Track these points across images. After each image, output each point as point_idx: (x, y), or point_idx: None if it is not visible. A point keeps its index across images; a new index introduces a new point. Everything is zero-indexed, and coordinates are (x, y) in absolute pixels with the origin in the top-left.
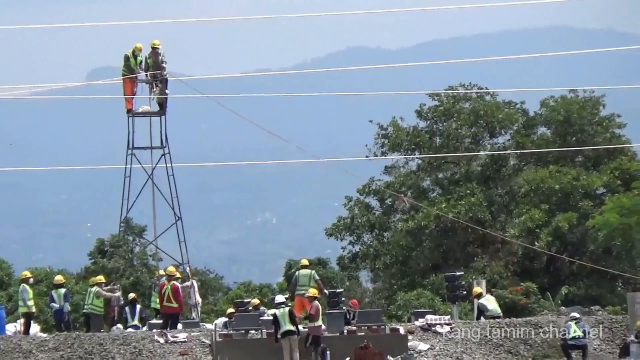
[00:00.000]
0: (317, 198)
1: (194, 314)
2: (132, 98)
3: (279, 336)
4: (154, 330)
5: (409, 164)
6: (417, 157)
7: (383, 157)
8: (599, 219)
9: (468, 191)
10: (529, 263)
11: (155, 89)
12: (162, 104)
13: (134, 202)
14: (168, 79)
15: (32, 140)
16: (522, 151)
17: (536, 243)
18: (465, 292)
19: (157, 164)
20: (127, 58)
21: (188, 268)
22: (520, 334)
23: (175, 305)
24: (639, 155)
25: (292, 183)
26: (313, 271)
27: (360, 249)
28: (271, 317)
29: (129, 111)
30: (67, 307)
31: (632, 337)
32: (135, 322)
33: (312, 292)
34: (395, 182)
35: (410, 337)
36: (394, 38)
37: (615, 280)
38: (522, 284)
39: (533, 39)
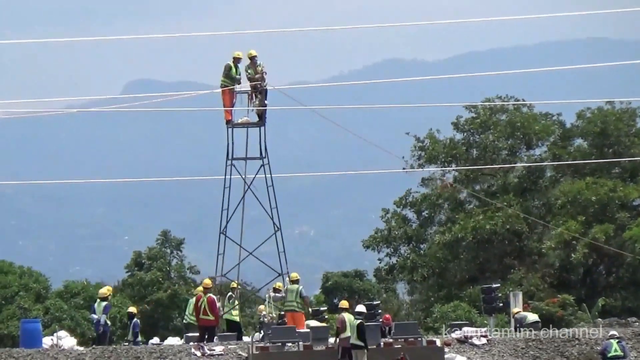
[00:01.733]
0: (354, 210)
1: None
2: (232, 109)
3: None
4: (191, 344)
5: (446, 176)
6: (453, 169)
7: (420, 169)
8: (636, 231)
9: (505, 203)
10: (566, 275)
11: (254, 100)
12: (262, 115)
13: (233, 213)
14: (267, 89)
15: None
16: (558, 163)
17: (573, 255)
18: (502, 304)
19: (256, 174)
20: (228, 68)
21: (288, 278)
22: (556, 346)
23: (212, 317)
24: None
25: (330, 195)
26: (301, 287)
27: (397, 260)
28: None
29: (229, 122)
30: (104, 319)
31: None
32: (129, 337)
33: (343, 304)
34: (432, 195)
35: (446, 349)
36: (431, 50)
37: None
38: (558, 296)
39: (570, 50)
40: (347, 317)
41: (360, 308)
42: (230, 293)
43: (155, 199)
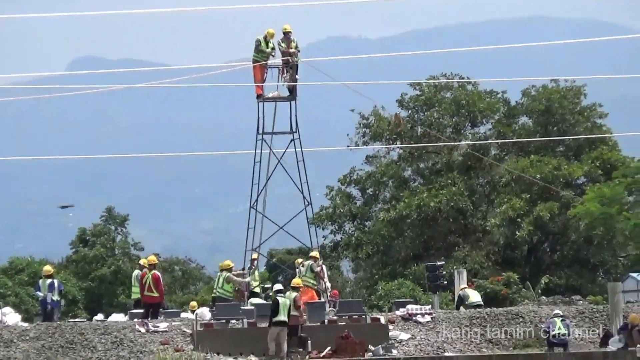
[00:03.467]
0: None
1: (322, 298)
2: (262, 84)
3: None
4: (135, 320)
5: (391, 154)
6: (398, 147)
7: (364, 146)
8: (580, 209)
9: (449, 181)
10: (510, 253)
11: (285, 75)
12: (292, 89)
13: (264, 187)
14: (298, 64)
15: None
16: (503, 141)
17: (517, 233)
18: (446, 282)
19: (286, 148)
20: (258, 43)
21: (317, 252)
22: (500, 324)
23: (156, 294)
24: (620, 144)
25: (275, 172)
26: (312, 262)
27: (341, 238)
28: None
29: (259, 96)
30: (51, 297)
31: (618, 328)
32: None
33: (296, 282)
34: (377, 172)
35: (391, 326)
36: (376, 27)
37: (596, 269)
38: (503, 273)
39: (515, 28)
40: (287, 294)
41: (278, 286)
42: (251, 265)
43: (100, 176)
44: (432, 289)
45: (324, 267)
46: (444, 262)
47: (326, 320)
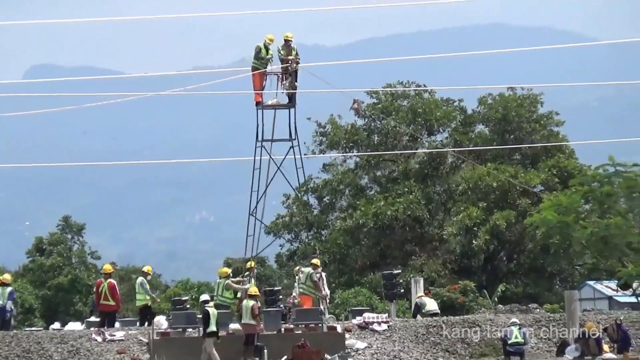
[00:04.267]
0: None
1: (322, 306)
2: (262, 90)
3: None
4: (92, 329)
5: (347, 162)
6: (355, 155)
7: (321, 155)
8: (536, 217)
9: (406, 189)
10: (467, 261)
11: (285, 82)
12: (292, 97)
13: (263, 193)
14: (297, 71)
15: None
16: (460, 149)
17: (474, 241)
18: (403, 291)
19: (286, 155)
20: (258, 49)
21: (317, 259)
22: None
23: (112, 303)
24: (576, 152)
25: (230, 180)
26: (312, 271)
27: (298, 247)
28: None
29: (259, 104)
30: (10, 305)
31: (575, 337)
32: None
33: (252, 290)
34: (333, 180)
35: (347, 335)
36: (332, 35)
37: (553, 278)
38: (459, 282)
39: (472, 36)
40: (244, 303)
41: (205, 297)
42: (247, 272)
43: (57, 183)
44: (388, 297)
45: (322, 274)
46: (400, 271)
47: (282, 329)
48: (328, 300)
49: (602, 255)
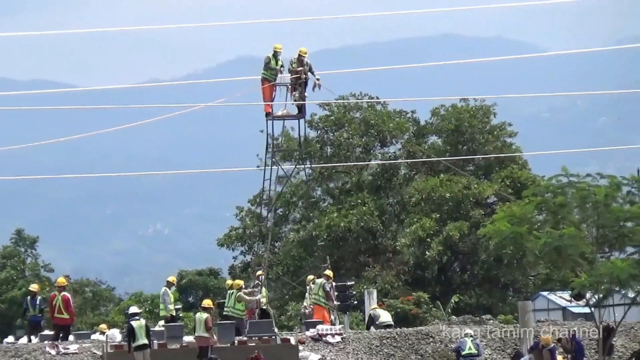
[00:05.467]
0: (209, 208)
1: (332, 316)
2: (272, 101)
3: (132, 348)
4: (46, 342)
5: (300, 174)
6: (308, 167)
7: (274, 167)
8: (489, 228)
9: (359, 201)
10: (420, 272)
11: (295, 92)
12: (301, 107)
13: (273, 204)
14: (307, 81)
15: None
16: (413, 160)
17: (427, 252)
18: (356, 302)
19: (296, 165)
20: (267, 60)
21: (329, 270)
22: (410, 344)
23: (66, 316)
24: (530, 163)
25: (184, 193)
26: (324, 281)
27: (251, 259)
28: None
29: (268, 114)
30: None
31: (529, 347)
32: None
33: (206, 303)
34: (287, 192)
35: (301, 347)
36: (284, 47)
37: (507, 289)
38: (413, 293)
39: (424, 47)
40: (197, 315)
41: (134, 309)
42: (257, 281)
43: (9, 197)
44: (342, 309)
45: (333, 284)
46: (354, 282)
47: (236, 342)
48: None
49: (555, 265)
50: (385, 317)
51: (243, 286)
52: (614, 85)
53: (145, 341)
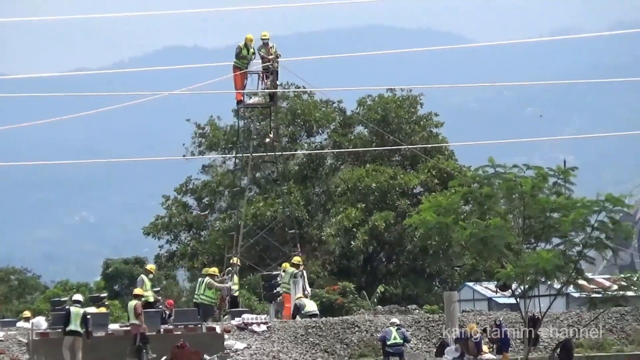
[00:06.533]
0: (135, 197)
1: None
2: (243, 89)
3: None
4: None
5: (226, 163)
6: (234, 157)
7: (200, 156)
8: (415, 218)
9: (285, 190)
10: (346, 262)
11: (266, 81)
12: (273, 95)
13: (244, 193)
14: (278, 70)
15: None
16: (339, 150)
17: (353, 242)
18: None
19: (266, 154)
20: (239, 50)
21: (299, 257)
22: (336, 333)
23: None
24: (456, 154)
25: (111, 182)
26: (294, 270)
27: (177, 248)
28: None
29: (240, 102)
30: None
31: (454, 337)
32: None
33: (137, 291)
34: (213, 182)
35: (226, 335)
36: (211, 37)
37: (432, 279)
38: (339, 283)
39: (351, 38)
40: (129, 303)
41: (77, 297)
42: (229, 268)
43: None
44: (268, 298)
45: (304, 272)
46: (279, 272)
47: (161, 330)
48: (309, 297)
49: (481, 256)
50: (311, 306)
51: (217, 274)
52: (540, 76)
53: (76, 328)
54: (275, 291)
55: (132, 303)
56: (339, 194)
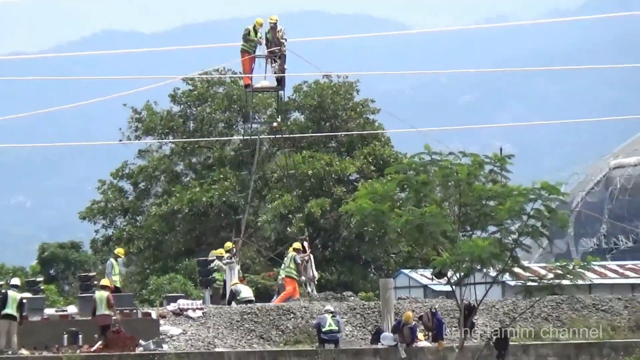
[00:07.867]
0: (70, 181)
1: (309, 289)
2: (251, 72)
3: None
4: None
5: (163, 148)
6: (170, 142)
7: (137, 141)
8: (351, 205)
9: (221, 176)
10: (282, 248)
11: (274, 64)
12: (281, 79)
13: (253, 171)
14: (286, 54)
15: None
16: (275, 137)
17: (288, 229)
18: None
19: (274, 135)
20: (247, 32)
21: (306, 242)
22: (271, 319)
23: None
24: (392, 141)
25: (46, 165)
26: (294, 254)
27: (113, 232)
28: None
29: (248, 86)
30: None
31: (390, 325)
32: None
33: (104, 282)
34: (149, 166)
35: (162, 321)
36: (148, 22)
37: (368, 266)
38: (274, 269)
39: (288, 23)
40: (98, 294)
41: (15, 281)
42: (228, 254)
43: None
44: (203, 284)
45: (311, 256)
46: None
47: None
48: (315, 282)
49: (417, 243)
50: (246, 292)
51: (225, 255)
52: (478, 63)
53: (11, 312)
54: (210, 277)
55: (104, 294)
56: (275, 180)
